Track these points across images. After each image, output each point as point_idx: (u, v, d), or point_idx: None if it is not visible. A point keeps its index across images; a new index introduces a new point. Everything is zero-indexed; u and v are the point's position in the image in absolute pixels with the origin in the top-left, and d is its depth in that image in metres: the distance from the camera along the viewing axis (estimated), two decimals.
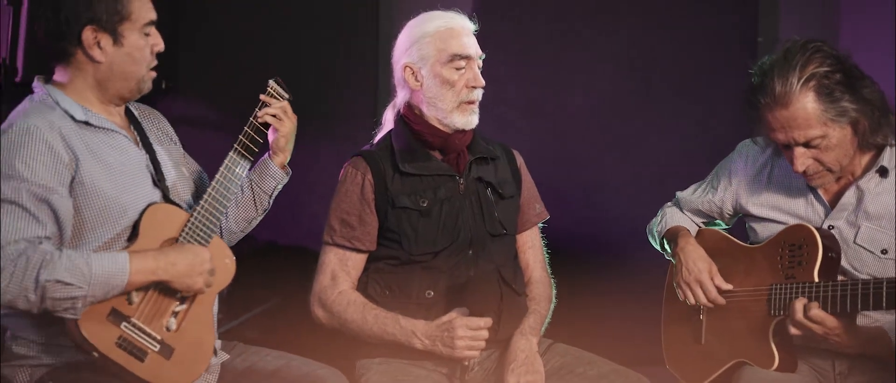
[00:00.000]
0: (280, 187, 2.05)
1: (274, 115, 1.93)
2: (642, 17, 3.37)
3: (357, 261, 2.09)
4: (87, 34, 1.75)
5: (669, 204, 2.32)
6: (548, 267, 2.27)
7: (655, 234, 2.28)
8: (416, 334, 1.99)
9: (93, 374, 1.73)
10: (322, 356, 2.04)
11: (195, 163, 2.07)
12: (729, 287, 2.08)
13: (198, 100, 3.49)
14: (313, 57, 3.44)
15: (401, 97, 2.15)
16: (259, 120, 1.91)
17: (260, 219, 2.09)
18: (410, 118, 2.12)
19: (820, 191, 2.03)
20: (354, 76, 3.25)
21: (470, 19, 2.16)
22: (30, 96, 1.81)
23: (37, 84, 1.82)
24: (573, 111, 3.45)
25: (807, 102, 1.86)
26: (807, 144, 1.89)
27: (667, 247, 2.23)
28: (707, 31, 3.31)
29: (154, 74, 1.86)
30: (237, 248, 3.32)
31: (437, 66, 2.08)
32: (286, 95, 1.94)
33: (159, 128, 1.99)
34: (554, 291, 2.24)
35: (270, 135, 1.97)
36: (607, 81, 3.42)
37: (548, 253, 2.31)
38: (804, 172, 1.94)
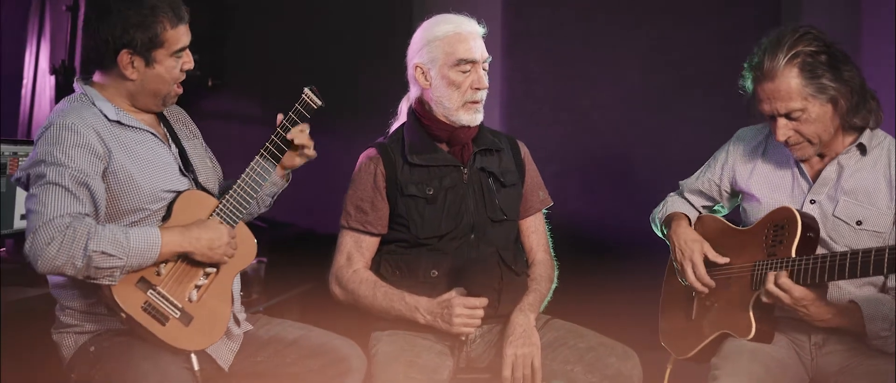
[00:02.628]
0: (279, 192, 2.21)
1: (302, 144, 2.04)
2: (668, 13, 3.42)
3: (370, 243, 2.26)
4: (123, 56, 1.91)
5: (672, 193, 2.45)
6: (551, 250, 2.40)
7: (657, 222, 2.41)
8: (419, 310, 2.16)
9: (127, 338, 1.93)
10: (352, 332, 2.20)
11: (211, 152, 2.22)
12: (725, 260, 2.20)
13: (243, 97, 3.65)
14: (350, 55, 3.56)
15: (413, 93, 2.31)
16: (292, 138, 2.01)
17: (260, 212, 2.25)
18: (420, 113, 2.27)
19: (805, 168, 2.16)
20: (387, 73, 3.37)
21: (479, 23, 2.27)
22: (68, 97, 1.99)
23: (76, 84, 2.00)
24: (601, 106, 3.51)
25: (790, 77, 2.01)
26: (788, 116, 2.04)
27: (666, 234, 2.36)
28: (732, 26, 3.34)
29: (180, 90, 2.02)
30: (281, 236, 3.47)
31: (445, 69, 2.21)
32: (320, 102, 2.04)
33: (184, 124, 2.17)
34: (556, 273, 2.37)
35: (297, 160, 2.09)
36: (634, 76, 3.47)
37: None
38: (786, 142, 2.09)
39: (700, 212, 2.38)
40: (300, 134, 2.03)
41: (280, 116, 2.03)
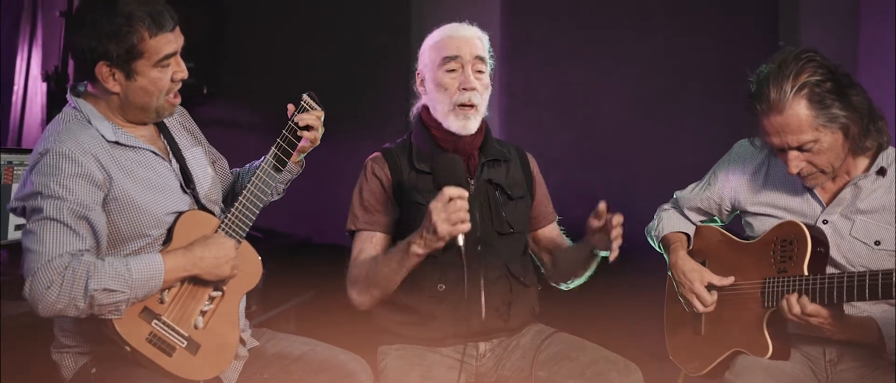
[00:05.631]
0: (294, 178, 2.19)
1: (312, 126, 2.03)
2: (670, 21, 3.41)
3: (381, 239, 2.20)
4: (101, 69, 1.79)
5: (666, 206, 2.42)
6: None
7: (654, 237, 2.38)
8: (411, 243, 2.00)
9: (131, 360, 1.84)
10: (352, 345, 2.15)
11: (216, 152, 2.16)
12: (727, 281, 2.17)
13: (238, 105, 3.62)
14: (349, 61, 3.54)
15: (420, 101, 2.28)
16: (301, 123, 2.00)
17: (274, 199, 2.21)
18: (427, 120, 2.24)
19: (816, 190, 2.11)
20: (388, 78, 3.35)
21: (483, 29, 2.23)
22: (62, 114, 1.87)
23: (69, 97, 1.89)
24: (604, 113, 3.50)
25: (799, 109, 1.94)
26: (800, 148, 1.98)
27: (665, 253, 2.33)
28: (731, 34, 3.34)
29: (177, 100, 1.91)
30: (277, 244, 3.44)
31: (434, 72, 2.18)
32: (318, 108, 2.03)
33: (188, 131, 2.08)
34: None
35: (302, 142, 2.06)
36: (637, 84, 3.46)
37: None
38: (798, 173, 2.03)
39: (697, 225, 2.35)
40: (313, 123, 2.00)
41: (291, 106, 2.01)
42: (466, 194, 1.93)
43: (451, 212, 1.91)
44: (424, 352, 2.16)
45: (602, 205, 2.04)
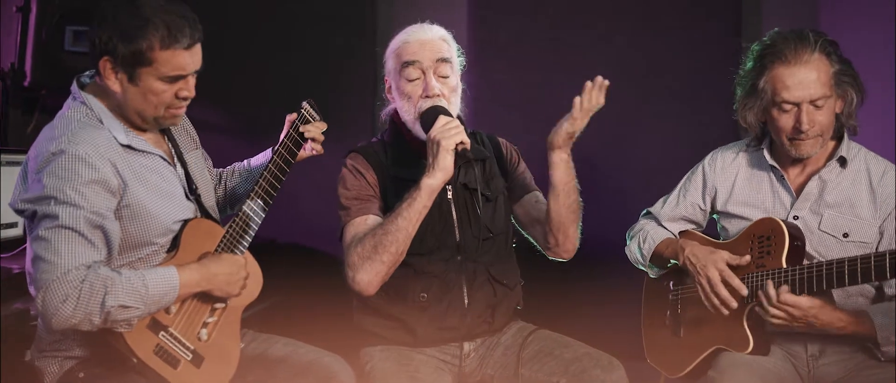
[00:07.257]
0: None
1: (316, 139, 2.04)
2: (636, 24, 3.43)
3: (375, 221, 2.10)
4: (104, 64, 1.75)
5: (642, 221, 2.40)
6: None
7: (644, 254, 2.32)
8: (425, 181, 1.99)
9: (120, 364, 1.79)
10: (324, 346, 2.11)
11: (204, 151, 2.12)
12: (744, 260, 2.11)
13: (202, 104, 3.55)
14: (313, 60, 3.50)
15: (390, 105, 2.22)
16: (307, 135, 2.01)
17: None
18: (399, 124, 2.19)
19: (787, 182, 2.16)
20: (353, 80, 3.32)
21: (450, 29, 2.19)
22: (71, 111, 1.80)
23: (75, 89, 1.82)
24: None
25: (822, 62, 2.02)
26: (814, 103, 2.03)
27: (657, 265, 2.31)
28: (697, 37, 3.37)
29: (179, 112, 1.84)
30: None
31: (397, 79, 2.13)
32: (318, 117, 2.02)
33: (186, 130, 2.04)
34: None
35: (302, 151, 2.05)
36: None
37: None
38: (804, 133, 2.05)
39: (674, 236, 2.36)
40: (317, 135, 2.03)
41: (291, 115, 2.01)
42: (454, 117, 2.04)
43: (449, 129, 1.99)
44: (411, 353, 2.14)
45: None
